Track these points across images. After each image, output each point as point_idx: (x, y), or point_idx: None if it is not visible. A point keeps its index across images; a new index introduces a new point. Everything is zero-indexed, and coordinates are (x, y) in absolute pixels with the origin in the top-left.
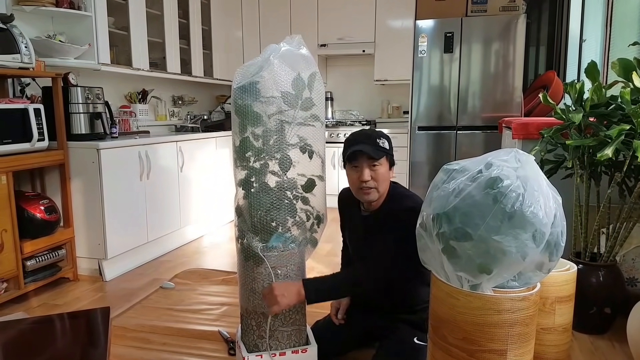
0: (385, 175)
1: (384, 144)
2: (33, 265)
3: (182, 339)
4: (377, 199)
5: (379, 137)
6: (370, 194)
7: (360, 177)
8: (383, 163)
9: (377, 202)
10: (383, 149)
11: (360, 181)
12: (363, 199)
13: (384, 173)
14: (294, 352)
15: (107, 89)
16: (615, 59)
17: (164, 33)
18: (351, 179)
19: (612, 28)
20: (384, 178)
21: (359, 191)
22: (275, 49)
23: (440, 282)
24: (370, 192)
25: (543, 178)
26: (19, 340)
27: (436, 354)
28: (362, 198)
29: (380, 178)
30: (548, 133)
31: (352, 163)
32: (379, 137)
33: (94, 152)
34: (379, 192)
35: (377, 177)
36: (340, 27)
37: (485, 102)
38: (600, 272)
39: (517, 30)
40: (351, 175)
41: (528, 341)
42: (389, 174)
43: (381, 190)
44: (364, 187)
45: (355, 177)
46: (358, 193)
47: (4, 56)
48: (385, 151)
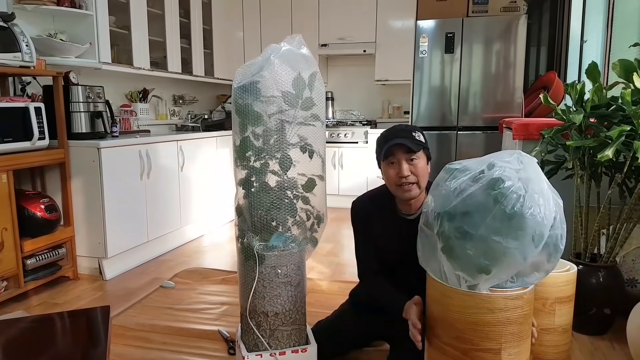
0: (424, 169)
1: (419, 137)
2: (33, 263)
3: (182, 338)
4: (418, 195)
5: (414, 130)
6: (412, 191)
7: (399, 172)
8: (421, 157)
9: (417, 200)
10: (420, 142)
11: (399, 177)
12: (404, 196)
13: (423, 167)
14: (294, 351)
15: (108, 88)
16: (616, 60)
17: (165, 32)
18: (389, 177)
19: (613, 29)
20: (423, 172)
21: (398, 189)
22: (276, 48)
23: (435, 282)
24: (411, 189)
25: (544, 180)
26: (19, 339)
27: (432, 353)
28: (402, 196)
29: (420, 172)
30: (549, 134)
31: (389, 159)
32: (414, 131)
33: (94, 151)
34: (420, 188)
35: (417, 172)
36: (341, 27)
37: (486, 103)
38: (600, 273)
39: (518, 31)
40: (389, 173)
41: (523, 340)
42: (428, 169)
43: (422, 185)
44: (403, 182)
45: (394, 174)
46: (397, 191)
47: (5, 55)
48: (422, 144)
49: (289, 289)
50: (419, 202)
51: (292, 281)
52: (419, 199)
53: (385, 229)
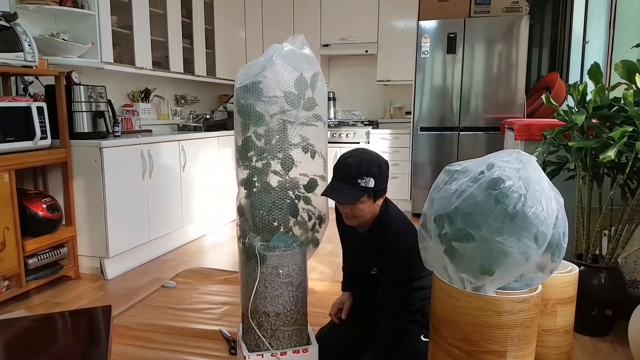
0: (365, 210)
1: (367, 183)
2: (35, 263)
3: (183, 338)
4: (359, 225)
5: (363, 175)
6: (352, 222)
7: (340, 207)
8: (364, 201)
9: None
10: (363, 189)
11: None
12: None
13: (363, 208)
14: (295, 351)
15: (110, 88)
16: (619, 61)
17: (167, 32)
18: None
19: (615, 30)
20: (363, 213)
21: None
22: (278, 48)
23: (441, 282)
24: (351, 221)
25: (545, 179)
26: (20, 338)
27: (436, 354)
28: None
29: (360, 213)
30: (550, 134)
31: None
32: (362, 176)
33: (96, 150)
34: (361, 222)
35: (356, 213)
36: (343, 28)
37: (488, 103)
38: (602, 274)
39: (520, 32)
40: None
41: (529, 343)
42: (373, 207)
43: (363, 221)
44: (344, 216)
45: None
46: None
47: (7, 54)
48: (365, 191)
49: (290, 289)
50: (365, 224)
51: (293, 281)
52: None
53: (349, 236)
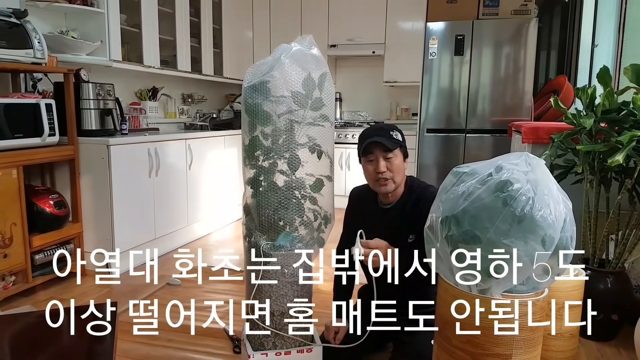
0: (400, 166)
1: (397, 136)
2: (41, 259)
3: (188, 336)
4: (393, 190)
5: (392, 129)
6: (387, 185)
7: (376, 168)
8: (397, 154)
9: (394, 194)
10: (396, 140)
11: (376, 173)
12: (380, 190)
13: (398, 164)
14: (299, 351)
15: (118, 86)
16: (628, 65)
17: (175, 31)
18: (367, 172)
19: (624, 33)
20: (399, 169)
21: (376, 183)
22: (287, 48)
23: (446, 284)
24: (387, 184)
25: (553, 182)
26: (26, 333)
27: (441, 356)
28: (379, 190)
29: (396, 169)
30: (558, 138)
31: (368, 157)
32: (392, 130)
33: (103, 148)
34: (395, 183)
35: (393, 168)
36: (351, 28)
37: (495, 106)
38: (609, 279)
39: (529, 34)
40: (367, 169)
41: (534, 347)
42: (404, 165)
43: (397, 180)
44: (380, 178)
45: (372, 170)
46: (375, 185)
47: (17, 51)
48: (399, 143)
49: (295, 289)
50: (395, 195)
51: (298, 281)
52: (395, 193)
53: (369, 216)
